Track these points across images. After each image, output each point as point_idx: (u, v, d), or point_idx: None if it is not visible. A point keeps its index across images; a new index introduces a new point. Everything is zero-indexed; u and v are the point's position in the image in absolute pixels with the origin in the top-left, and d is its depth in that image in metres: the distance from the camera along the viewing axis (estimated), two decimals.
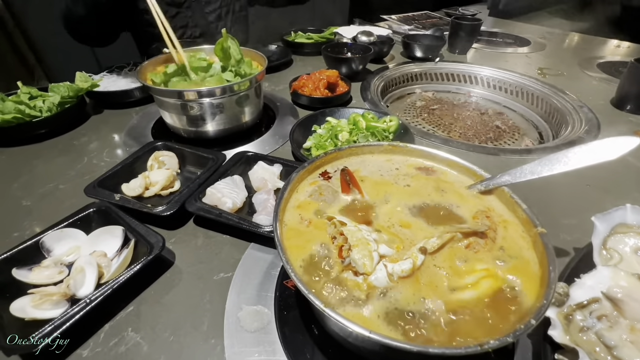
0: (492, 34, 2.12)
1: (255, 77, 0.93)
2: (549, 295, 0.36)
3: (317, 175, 0.57)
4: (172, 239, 0.69)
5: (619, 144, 0.44)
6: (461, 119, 1.37)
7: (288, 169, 0.82)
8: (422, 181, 0.57)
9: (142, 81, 0.89)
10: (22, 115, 0.96)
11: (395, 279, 0.41)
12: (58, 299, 0.53)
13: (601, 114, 1.20)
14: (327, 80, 1.21)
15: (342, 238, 0.44)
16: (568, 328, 0.47)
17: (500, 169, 0.52)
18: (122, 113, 1.17)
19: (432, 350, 0.32)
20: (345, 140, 0.93)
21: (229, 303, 0.58)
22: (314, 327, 0.53)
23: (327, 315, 0.34)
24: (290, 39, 1.78)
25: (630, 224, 0.59)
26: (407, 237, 0.47)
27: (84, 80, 1.12)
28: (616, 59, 1.75)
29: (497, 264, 0.43)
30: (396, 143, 0.61)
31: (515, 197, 0.50)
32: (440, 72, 1.63)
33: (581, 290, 0.50)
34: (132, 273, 0.56)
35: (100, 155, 0.95)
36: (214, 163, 0.82)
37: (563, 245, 0.68)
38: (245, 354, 0.50)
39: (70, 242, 0.64)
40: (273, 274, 0.62)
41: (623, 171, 0.91)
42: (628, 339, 0.44)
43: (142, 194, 0.76)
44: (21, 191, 0.83)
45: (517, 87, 1.49)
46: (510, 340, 0.33)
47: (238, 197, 0.73)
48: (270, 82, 1.41)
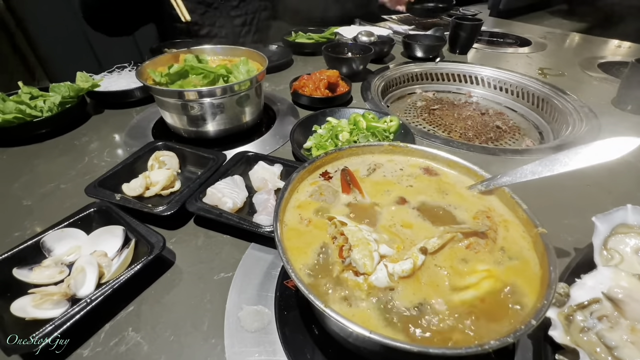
0: (493, 34, 2.11)
1: (256, 77, 0.93)
2: (550, 295, 0.36)
3: (317, 175, 0.57)
4: (172, 239, 0.69)
5: (620, 145, 0.44)
6: (462, 119, 1.37)
7: (288, 169, 0.82)
8: (425, 182, 0.57)
9: (143, 81, 0.89)
10: (23, 115, 0.96)
11: (395, 279, 0.41)
12: (58, 298, 0.53)
13: (602, 114, 1.20)
14: (327, 81, 1.21)
15: (343, 238, 0.44)
16: (569, 328, 0.47)
17: (501, 169, 0.52)
18: (122, 113, 1.17)
19: (432, 350, 0.32)
20: (345, 141, 0.93)
21: (229, 303, 0.58)
22: (315, 327, 0.53)
23: (328, 315, 0.34)
24: (291, 39, 1.78)
25: (631, 224, 0.58)
26: (407, 237, 0.47)
27: (84, 80, 1.12)
28: (617, 59, 1.74)
29: (498, 265, 0.43)
30: (397, 143, 0.61)
31: (516, 198, 0.50)
32: (440, 72, 1.63)
33: (582, 291, 0.50)
34: (132, 273, 0.56)
35: (101, 155, 0.95)
36: (214, 163, 0.82)
37: (564, 245, 0.68)
38: (245, 354, 0.50)
39: (70, 241, 0.64)
40: (273, 274, 0.62)
41: (624, 171, 0.91)
42: (629, 340, 0.44)
43: (142, 193, 0.77)
44: (22, 191, 0.83)
45: (518, 87, 1.49)
46: (511, 340, 0.32)
47: (238, 197, 0.73)
48: (271, 82, 1.41)
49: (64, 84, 1.08)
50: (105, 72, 1.32)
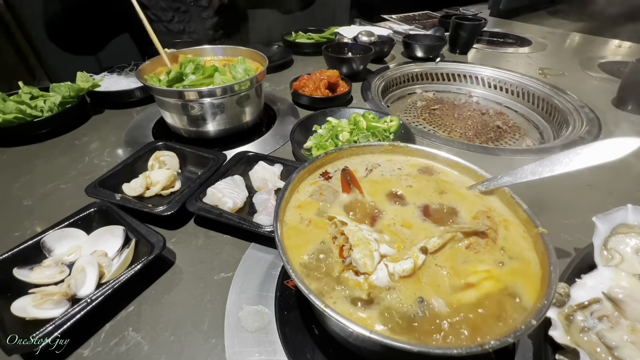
0: (493, 34, 2.11)
1: (256, 77, 0.93)
2: (550, 295, 0.36)
3: (317, 175, 0.57)
4: (172, 239, 0.69)
5: (621, 145, 0.44)
6: (462, 119, 1.37)
7: (289, 169, 0.82)
8: (424, 182, 0.57)
9: (143, 81, 0.89)
10: (24, 115, 0.96)
11: (396, 279, 0.41)
12: (59, 298, 0.53)
13: (602, 114, 1.20)
14: (327, 80, 1.21)
15: (343, 238, 0.44)
16: (569, 328, 0.47)
17: (501, 169, 0.52)
18: (123, 113, 1.17)
19: (432, 350, 0.32)
20: (345, 140, 0.93)
21: (229, 303, 0.58)
22: (315, 327, 0.53)
23: (328, 315, 0.34)
24: (291, 39, 1.78)
25: (631, 224, 0.58)
26: (407, 237, 0.47)
27: (85, 80, 1.12)
28: (617, 59, 1.74)
29: (498, 264, 0.43)
30: (397, 143, 0.61)
31: (516, 198, 0.50)
32: (441, 72, 1.63)
33: (582, 291, 0.50)
34: (132, 273, 0.56)
35: (101, 155, 0.95)
36: (214, 163, 0.82)
37: (564, 245, 0.68)
38: (245, 353, 0.50)
39: (71, 241, 0.64)
40: (273, 273, 0.62)
41: (624, 171, 0.91)
42: (629, 340, 0.44)
43: (142, 193, 0.77)
44: (22, 191, 0.83)
45: (518, 87, 1.49)
46: (511, 340, 0.33)
47: (239, 197, 0.73)
48: (271, 82, 1.41)
49: (65, 84, 1.08)
50: (105, 72, 1.32)
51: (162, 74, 0.97)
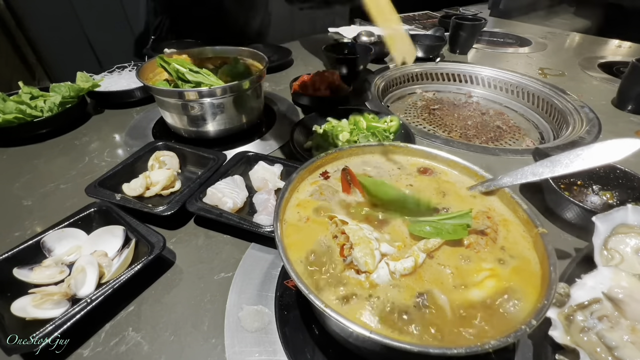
0: (493, 34, 2.11)
1: (256, 77, 0.93)
2: (550, 295, 0.36)
3: (317, 175, 0.57)
4: (172, 239, 0.69)
5: (622, 147, 0.43)
6: (462, 119, 1.37)
7: (289, 169, 0.82)
8: (424, 181, 0.57)
9: (143, 81, 0.89)
10: (24, 115, 0.96)
11: (397, 277, 0.41)
12: (59, 298, 0.53)
13: (602, 114, 1.20)
14: (327, 81, 1.21)
15: (344, 237, 0.44)
16: (569, 328, 0.47)
17: (501, 169, 0.52)
18: (123, 113, 1.17)
19: (432, 350, 0.32)
20: (345, 141, 0.93)
21: (229, 303, 0.58)
22: (315, 327, 0.53)
23: (328, 315, 0.34)
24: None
25: (631, 224, 0.58)
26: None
27: (85, 80, 1.12)
28: (617, 59, 1.74)
29: (498, 264, 0.43)
30: (397, 143, 0.61)
31: (516, 198, 0.50)
32: (441, 72, 1.63)
33: (582, 291, 0.50)
34: (132, 273, 0.56)
35: (101, 155, 0.95)
36: (214, 163, 0.82)
37: (564, 245, 0.68)
38: (245, 353, 0.50)
39: (71, 241, 0.64)
40: (274, 273, 0.62)
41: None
42: (629, 340, 0.44)
43: (142, 193, 0.77)
44: (22, 191, 0.83)
45: (518, 87, 1.49)
46: (511, 340, 0.32)
47: (239, 197, 0.73)
48: (271, 82, 1.41)
49: (65, 84, 1.08)
50: (105, 72, 1.32)
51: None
